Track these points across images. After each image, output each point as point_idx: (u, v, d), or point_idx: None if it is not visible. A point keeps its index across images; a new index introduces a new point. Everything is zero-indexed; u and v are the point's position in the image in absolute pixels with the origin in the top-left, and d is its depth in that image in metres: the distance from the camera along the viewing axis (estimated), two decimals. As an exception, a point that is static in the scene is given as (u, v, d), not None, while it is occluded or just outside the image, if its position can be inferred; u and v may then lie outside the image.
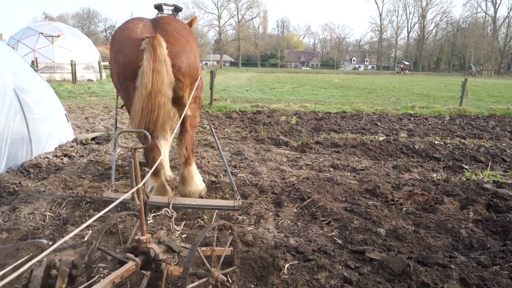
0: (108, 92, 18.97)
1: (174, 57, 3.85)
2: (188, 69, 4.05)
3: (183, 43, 4.02)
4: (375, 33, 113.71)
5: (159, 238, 2.69)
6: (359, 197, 5.07)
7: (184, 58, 3.97)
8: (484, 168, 6.74)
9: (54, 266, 2.19)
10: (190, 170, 4.45)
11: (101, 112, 12.22)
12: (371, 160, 7.28)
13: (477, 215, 4.57)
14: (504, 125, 12.01)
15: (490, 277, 3.10)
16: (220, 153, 4.74)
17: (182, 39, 4.03)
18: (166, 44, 3.75)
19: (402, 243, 3.80)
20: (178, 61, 3.90)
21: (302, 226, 4.19)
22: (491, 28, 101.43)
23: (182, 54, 3.96)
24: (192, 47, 4.13)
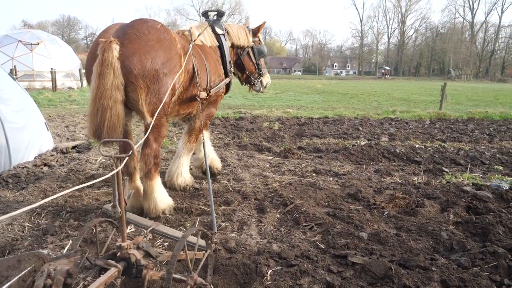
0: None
1: (125, 59, 3.79)
2: (142, 72, 3.83)
3: (139, 45, 3.87)
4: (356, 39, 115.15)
5: (138, 244, 2.74)
6: (341, 201, 5.10)
7: (135, 60, 3.81)
8: (463, 171, 6.84)
9: (49, 276, 2.19)
10: (150, 185, 4.24)
11: (82, 120, 12.07)
12: (353, 164, 7.34)
13: (457, 217, 4.63)
14: (483, 128, 12.22)
15: (470, 279, 3.14)
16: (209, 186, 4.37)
17: (140, 41, 3.90)
18: (120, 46, 3.77)
19: (384, 247, 3.83)
20: (128, 63, 3.79)
21: (285, 232, 4.19)
22: (469, 33, 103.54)
23: (134, 56, 3.82)
24: (153, 50, 3.93)
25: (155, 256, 2.81)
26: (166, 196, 4.47)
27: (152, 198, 4.25)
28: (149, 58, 3.90)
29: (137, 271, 2.63)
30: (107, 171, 6.15)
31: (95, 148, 7.70)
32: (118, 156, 2.57)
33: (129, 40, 3.88)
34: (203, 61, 4.83)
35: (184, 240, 2.62)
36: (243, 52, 5.81)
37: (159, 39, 4.05)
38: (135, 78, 3.85)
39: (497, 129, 12.24)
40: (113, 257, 2.65)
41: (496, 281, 3.20)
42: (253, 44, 5.86)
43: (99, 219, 3.01)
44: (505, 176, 6.67)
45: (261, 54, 5.95)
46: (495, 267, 3.37)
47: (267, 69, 6.21)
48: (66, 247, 3.65)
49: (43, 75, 26.24)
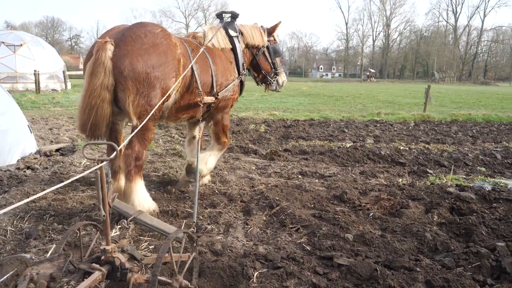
0: (73, 102, 18.58)
1: (117, 60, 3.88)
2: (132, 73, 3.87)
3: (132, 48, 3.94)
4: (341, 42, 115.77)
5: (122, 247, 2.71)
6: (327, 203, 5.12)
7: (127, 61, 3.87)
8: (447, 172, 6.92)
9: (32, 280, 2.16)
10: (129, 186, 4.19)
11: (66, 122, 11.94)
12: (338, 166, 7.38)
13: (441, 218, 4.68)
14: (466, 130, 12.39)
15: (454, 279, 3.17)
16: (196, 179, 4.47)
17: (135, 44, 3.97)
18: (115, 47, 3.92)
19: (370, 248, 3.86)
20: (119, 64, 3.87)
21: (271, 234, 4.19)
22: (452, 37, 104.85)
23: (126, 58, 3.88)
24: (146, 53, 3.97)
25: (140, 259, 2.80)
26: (147, 200, 4.35)
27: (130, 201, 4.19)
28: (141, 61, 3.95)
29: (121, 275, 2.61)
30: (92, 174, 6.09)
31: (79, 151, 7.62)
32: (101, 159, 2.55)
33: (124, 42, 3.98)
34: (207, 65, 4.79)
35: (169, 242, 2.60)
36: (259, 52, 5.75)
37: (155, 44, 4.07)
38: (124, 79, 3.91)
39: (480, 131, 12.42)
40: (97, 261, 2.63)
41: (480, 281, 3.24)
42: (268, 43, 5.81)
43: (83, 222, 2.98)
44: (488, 177, 6.77)
45: (276, 53, 5.90)
46: (478, 267, 3.41)
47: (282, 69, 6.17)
48: (49, 251, 3.60)
49: (26, 77, 25.88)
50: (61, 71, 28.55)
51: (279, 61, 6.00)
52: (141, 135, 4.19)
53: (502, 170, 7.41)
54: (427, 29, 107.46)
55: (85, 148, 2.68)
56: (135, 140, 4.18)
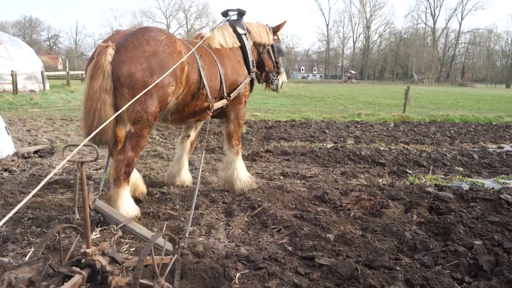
0: (52, 103, 18.31)
1: (116, 65, 3.88)
2: (129, 81, 3.86)
3: (132, 55, 3.92)
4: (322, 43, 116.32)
5: (103, 249, 2.70)
6: (308, 204, 5.15)
7: (125, 68, 3.86)
8: (426, 172, 7.03)
9: (10, 284, 2.12)
10: (116, 192, 4.11)
11: (44, 124, 11.75)
12: (320, 167, 7.43)
13: (420, 217, 4.75)
14: (444, 131, 12.61)
15: (433, 277, 3.23)
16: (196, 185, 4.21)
17: (136, 50, 3.95)
18: (115, 52, 3.91)
19: (350, 248, 3.89)
20: (117, 70, 3.86)
21: (253, 235, 4.20)
22: (431, 39, 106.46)
23: (125, 64, 3.87)
24: (146, 61, 3.93)
25: (121, 261, 2.78)
26: (131, 206, 4.28)
27: (116, 206, 4.12)
28: (139, 68, 3.92)
29: (102, 278, 2.59)
30: (71, 176, 6.01)
31: (58, 153, 7.51)
32: (82, 160, 2.52)
33: (125, 48, 3.95)
34: (216, 70, 4.76)
35: (151, 244, 2.59)
36: (264, 50, 5.75)
37: (156, 51, 4.02)
38: (121, 86, 3.91)
39: (457, 131, 12.65)
40: (77, 264, 2.59)
41: (458, 278, 3.30)
42: (273, 42, 5.82)
43: (63, 225, 2.94)
44: (466, 177, 6.90)
45: (280, 52, 5.89)
46: (456, 265, 3.48)
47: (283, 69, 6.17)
48: (28, 255, 3.54)
49: (3, 78, 25.34)
50: (39, 71, 28.05)
51: (281, 60, 6.03)
52: (135, 141, 4.13)
53: (479, 170, 7.56)
54: (406, 31, 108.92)
55: (66, 149, 2.65)
56: (128, 146, 4.12)
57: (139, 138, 4.13)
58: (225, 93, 4.91)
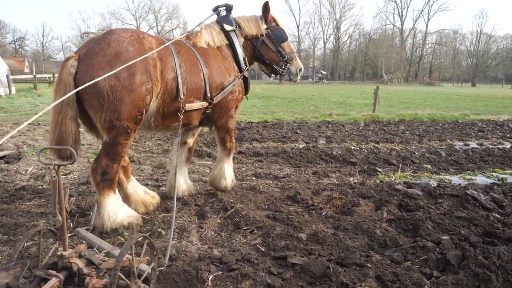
0: (19, 107, 17.82)
1: (79, 76, 3.77)
2: (94, 90, 3.71)
3: (93, 62, 3.78)
4: (293, 44, 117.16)
5: (80, 252, 2.68)
6: (281, 204, 5.18)
7: (88, 78, 3.62)
8: (395, 170, 7.17)
9: None
10: (99, 200, 4.05)
11: (10, 129, 11.42)
12: (292, 167, 7.48)
13: (390, 214, 4.84)
14: (413, 129, 12.88)
15: (402, 273, 3.29)
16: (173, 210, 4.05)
17: (97, 57, 3.79)
18: (78, 63, 3.81)
19: (322, 246, 3.94)
20: (81, 81, 3.67)
21: (226, 236, 4.20)
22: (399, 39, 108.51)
23: (87, 74, 3.72)
24: (108, 66, 3.74)
25: (98, 263, 2.77)
26: (120, 213, 4.13)
27: (101, 214, 4.05)
28: (101, 74, 3.67)
29: (79, 280, 2.59)
30: (39, 182, 5.88)
31: (25, 158, 7.32)
32: (58, 163, 2.49)
33: (86, 56, 3.84)
34: (197, 68, 4.54)
35: (129, 245, 2.58)
36: (258, 42, 5.38)
37: (118, 53, 3.84)
38: (88, 96, 3.82)
39: (426, 129, 12.94)
40: (54, 267, 2.59)
41: (426, 273, 3.38)
42: (268, 31, 5.37)
43: (40, 227, 2.90)
44: (434, 174, 7.07)
45: (280, 39, 5.41)
46: (425, 261, 3.56)
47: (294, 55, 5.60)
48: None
49: (-34, 82, 24.58)
50: (5, 75, 27.21)
51: (288, 46, 5.55)
52: (109, 149, 4.01)
53: (447, 167, 7.75)
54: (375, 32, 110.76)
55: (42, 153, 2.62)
56: (102, 154, 4.04)
57: (115, 146, 4.00)
58: (209, 94, 4.65)
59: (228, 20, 5.14)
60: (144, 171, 6.78)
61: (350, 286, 3.14)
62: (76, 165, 7.02)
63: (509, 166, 7.92)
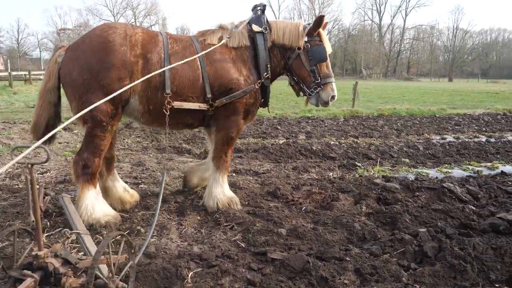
0: (-7, 105, 17.42)
1: (61, 67, 4.04)
2: (70, 81, 3.91)
3: (72, 54, 3.99)
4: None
5: (56, 251, 2.65)
6: (261, 199, 5.18)
7: (66, 69, 3.97)
8: (374, 165, 7.25)
9: None
10: (79, 193, 4.07)
11: (-15, 127, 11.17)
12: (272, 163, 7.49)
13: (369, 208, 4.90)
14: (391, 124, 13.03)
15: (381, 265, 3.34)
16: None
17: (77, 49, 4.01)
18: (65, 53, 4.06)
19: (302, 241, 3.96)
20: (61, 71, 4.05)
21: (206, 233, 4.19)
22: (377, 35, 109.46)
23: (66, 65, 4.00)
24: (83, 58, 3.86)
25: (75, 263, 2.73)
26: (97, 210, 4.10)
27: (78, 208, 4.04)
28: (77, 67, 3.90)
29: (55, 280, 2.55)
30: (15, 181, 5.77)
31: (1, 157, 7.17)
32: (32, 162, 2.45)
33: (70, 48, 4.08)
34: (193, 65, 4.25)
35: (106, 243, 2.56)
36: (292, 54, 4.67)
37: (95, 47, 3.92)
38: (65, 86, 4.06)
39: (404, 124, 13.11)
40: (29, 267, 2.54)
41: (404, 265, 3.44)
42: (307, 45, 4.62)
43: (14, 227, 2.85)
44: (411, 167, 7.17)
45: (318, 57, 4.62)
46: (403, 253, 3.62)
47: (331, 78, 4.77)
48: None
49: None
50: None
51: (327, 68, 4.74)
52: (89, 141, 4.04)
53: (424, 160, 7.87)
54: (354, 27, 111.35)
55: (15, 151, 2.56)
56: (83, 147, 4.10)
57: (93, 138, 4.04)
58: (209, 95, 4.31)
59: (259, 21, 4.63)
60: (123, 169, 6.71)
61: (329, 280, 3.17)
62: (53, 163, 6.91)
63: (484, 159, 8.09)
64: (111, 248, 2.68)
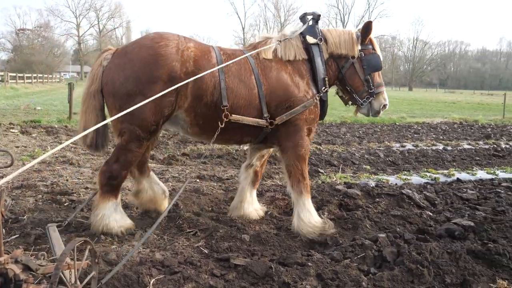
0: None
1: (105, 72, 3.87)
2: (112, 89, 3.68)
3: (119, 61, 3.83)
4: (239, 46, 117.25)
5: (16, 257, 2.56)
6: (225, 206, 5.19)
7: (109, 76, 3.80)
8: (336, 171, 7.38)
9: None
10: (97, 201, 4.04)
11: None
12: (236, 169, 7.50)
13: (331, 214, 4.97)
14: (354, 131, 13.31)
15: (342, 270, 3.40)
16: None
17: (124, 57, 3.84)
18: (111, 58, 3.90)
19: (265, 247, 3.99)
20: (104, 78, 3.87)
21: (169, 239, 4.15)
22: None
23: (110, 72, 3.81)
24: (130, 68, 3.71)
25: (36, 269, 2.65)
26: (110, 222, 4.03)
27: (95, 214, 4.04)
28: (122, 76, 3.67)
29: (15, 287, 2.47)
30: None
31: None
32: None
33: (117, 54, 3.90)
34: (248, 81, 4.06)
35: (69, 250, 2.50)
36: (346, 63, 4.50)
37: (143, 58, 3.75)
38: (106, 94, 3.88)
39: (365, 131, 13.43)
40: None
41: (364, 270, 3.51)
42: (361, 53, 4.48)
43: None
44: (372, 174, 7.34)
45: (373, 66, 4.51)
46: (363, 258, 3.70)
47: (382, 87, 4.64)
48: None
49: None
50: None
51: (379, 77, 4.64)
52: (120, 154, 3.91)
53: (384, 167, 8.08)
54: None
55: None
56: (112, 158, 3.95)
57: (126, 151, 3.90)
58: (265, 113, 4.11)
59: (313, 32, 4.41)
60: (83, 174, 6.56)
61: (291, 285, 3.20)
62: (10, 169, 6.67)
63: (441, 166, 8.38)
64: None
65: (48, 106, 18.73)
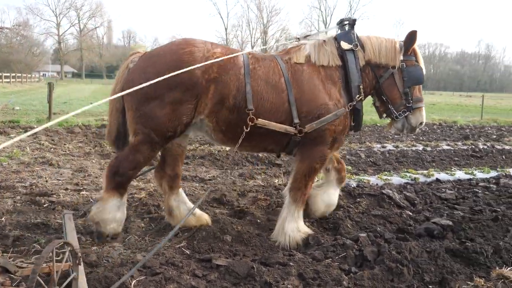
0: None
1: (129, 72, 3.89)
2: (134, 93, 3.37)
3: (144, 64, 3.80)
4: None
5: None
6: (207, 206, 5.17)
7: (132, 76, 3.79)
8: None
9: None
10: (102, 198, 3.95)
11: None
12: (218, 169, 7.50)
13: (312, 214, 5.00)
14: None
15: (323, 270, 3.43)
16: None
17: (148, 61, 3.80)
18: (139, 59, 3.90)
19: (247, 247, 4.00)
20: (127, 78, 3.85)
21: (150, 241, 4.13)
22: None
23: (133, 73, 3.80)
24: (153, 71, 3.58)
25: (14, 271, 2.61)
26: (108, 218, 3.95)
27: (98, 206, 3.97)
28: (143, 78, 3.51)
29: None
30: None
31: None
32: None
33: (142, 58, 3.90)
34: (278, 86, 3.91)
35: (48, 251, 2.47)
36: (385, 73, 4.28)
37: (166, 62, 3.69)
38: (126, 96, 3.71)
39: (347, 132, 13.50)
40: None
41: (345, 269, 3.55)
42: (402, 64, 4.25)
43: None
44: (353, 174, 7.40)
45: (414, 79, 4.27)
46: (344, 257, 3.74)
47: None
48: None
49: None
50: None
51: (419, 91, 4.41)
52: (131, 153, 3.84)
53: (365, 168, 8.17)
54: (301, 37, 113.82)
55: None
56: (123, 156, 3.88)
57: (136, 152, 3.81)
58: (296, 120, 3.92)
59: (349, 37, 4.22)
60: (63, 175, 6.48)
61: (273, 285, 3.21)
62: (-13, 169, 6.56)
63: (421, 166, 8.51)
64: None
65: (27, 106, 18.41)
